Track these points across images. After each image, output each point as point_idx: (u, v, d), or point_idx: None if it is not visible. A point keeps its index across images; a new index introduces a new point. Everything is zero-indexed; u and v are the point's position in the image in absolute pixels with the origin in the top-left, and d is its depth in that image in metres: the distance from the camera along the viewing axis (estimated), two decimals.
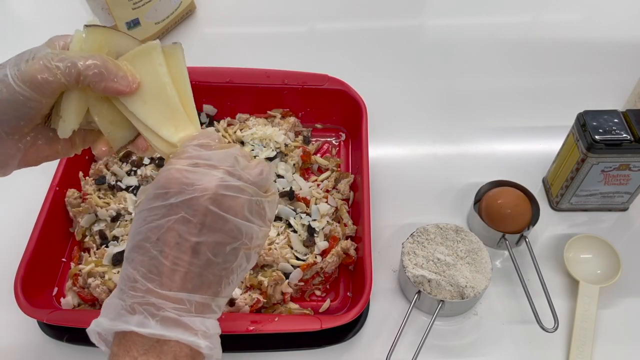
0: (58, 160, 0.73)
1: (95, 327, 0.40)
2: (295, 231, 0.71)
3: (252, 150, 0.78)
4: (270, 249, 0.68)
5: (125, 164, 0.77)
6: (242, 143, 0.79)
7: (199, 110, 0.84)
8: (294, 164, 0.78)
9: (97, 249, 0.71)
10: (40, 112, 0.43)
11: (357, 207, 0.73)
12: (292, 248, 0.70)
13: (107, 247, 0.70)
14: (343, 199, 0.76)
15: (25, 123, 0.43)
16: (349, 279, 0.71)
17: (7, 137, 0.43)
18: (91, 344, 0.41)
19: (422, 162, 0.84)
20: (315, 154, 0.82)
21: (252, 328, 0.60)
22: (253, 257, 0.44)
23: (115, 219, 0.72)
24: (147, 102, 0.45)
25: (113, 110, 0.46)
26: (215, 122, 0.84)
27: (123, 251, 0.67)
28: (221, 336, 0.42)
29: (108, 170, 0.77)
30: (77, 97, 0.44)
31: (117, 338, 0.40)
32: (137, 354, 0.39)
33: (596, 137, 0.67)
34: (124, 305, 0.39)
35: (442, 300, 0.64)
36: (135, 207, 0.43)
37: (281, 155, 0.78)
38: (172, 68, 0.45)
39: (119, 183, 0.75)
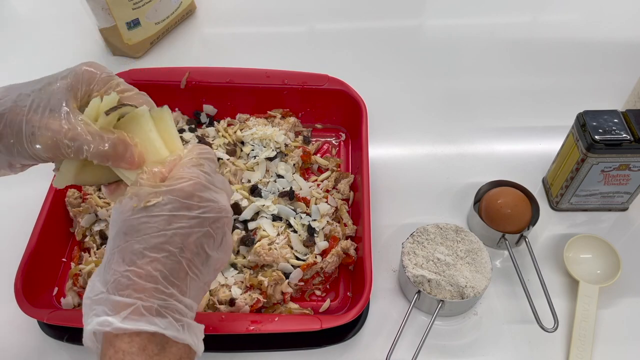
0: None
1: (101, 327, 0.39)
2: (295, 231, 0.71)
3: (252, 150, 0.78)
4: (270, 249, 0.68)
5: None
6: (242, 143, 0.79)
7: (200, 110, 0.84)
8: (294, 164, 0.78)
9: (98, 249, 0.71)
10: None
11: (357, 207, 0.73)
12: (292, 248, 0.70)
13: None
14: (343, 199, 0.76)
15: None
16: (349, 279, 0.71)
17: None
18: None
19: (422, 162, 0.84)
20: (315, 154, 0.82)
21: (252, 328, 0.60)
22: None
23: None
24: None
25: (102, 168, 0.47)
26: (215, 122, 0.84)
27: None
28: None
29: None
30: (79, 164, 0.46)
31: (127, 335, 0.39)
32: (152, 352, 0.40)
33: (596, 137, 0.67)
34: (143, 306, 0.40)
35: (442, 300, 0.64)
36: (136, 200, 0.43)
37: (281, 155, 0.78)
38: (162, 131, 0.47)
39: None
